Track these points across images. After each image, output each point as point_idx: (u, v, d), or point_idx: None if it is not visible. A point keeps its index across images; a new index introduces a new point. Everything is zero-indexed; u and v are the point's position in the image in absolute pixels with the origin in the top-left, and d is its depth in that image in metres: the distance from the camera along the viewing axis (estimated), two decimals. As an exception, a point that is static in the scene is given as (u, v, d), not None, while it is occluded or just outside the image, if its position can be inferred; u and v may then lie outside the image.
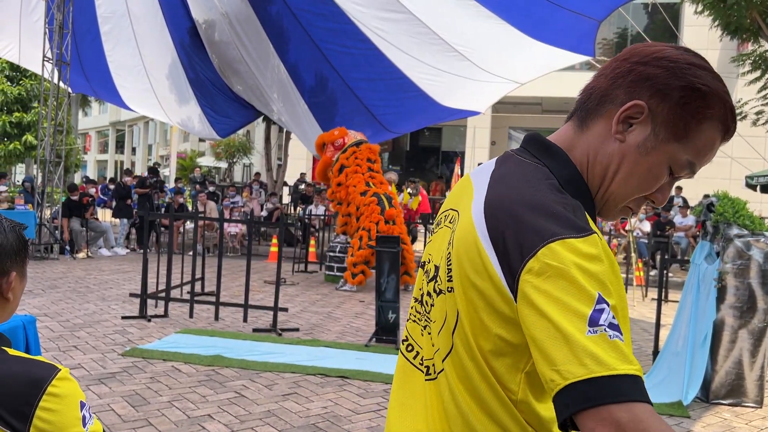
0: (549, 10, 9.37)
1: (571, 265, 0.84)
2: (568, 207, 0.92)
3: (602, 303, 0.83)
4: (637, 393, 0.79)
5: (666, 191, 1.01)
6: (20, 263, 1.37)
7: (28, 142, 22.25)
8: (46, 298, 7.50)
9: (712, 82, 0.95)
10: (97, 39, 12.63)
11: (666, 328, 5.93)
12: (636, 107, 0.96)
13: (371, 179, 9.70)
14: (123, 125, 42.51)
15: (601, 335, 0.81)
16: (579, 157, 1.02)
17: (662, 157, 0.97)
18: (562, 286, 0.84)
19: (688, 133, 0.96)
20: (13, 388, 1.23)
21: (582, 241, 0.87)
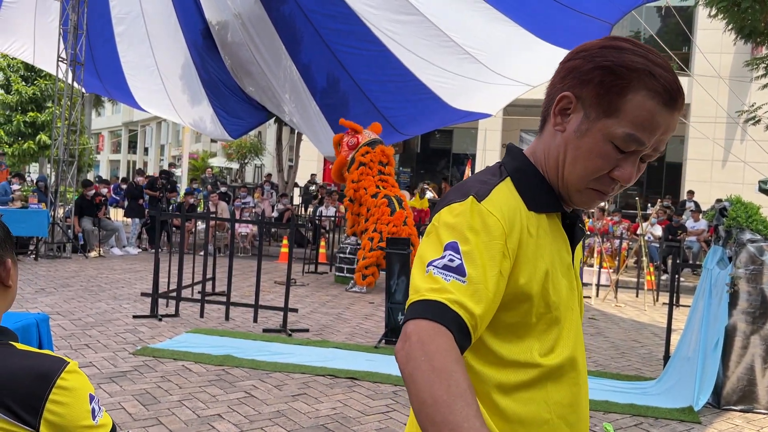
0: (561, 12, 9.34)
1: (442, 223, 1.02)
2: (478, 181, 1.07)
3: (448, 250, 0.98)
4: (429, 313, 0.93)
5: (625, 168, 1.05)
6: (10, 250, 1.39)
7: (42, 142, 22.46)
8: (59, 296, 7.56)
9: (619, 57, 1.02)
10: (111, 39, 12.73)
11: (677, 333, 5.90)
12: (565, 98, 1.07)
13: (381, 182, 9.71)
14: (136, 125, 42.76)
15: (429, 273, 0.97)
16: (539, 157, 1.13)
17: (598, 135, 1.03)
18: (428, 241, 1.03)
19: (616, 107, 1.02)
20: (23, 382, 1.25)
21: (460, 203, 1.02)
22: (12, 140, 22.72)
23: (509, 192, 1.07)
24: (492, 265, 0.98)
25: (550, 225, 1.12)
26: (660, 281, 11.24)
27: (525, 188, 1.10)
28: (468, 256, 0.97)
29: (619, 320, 8.48)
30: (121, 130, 45.63)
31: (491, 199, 1.03)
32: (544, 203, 1.11)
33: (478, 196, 1.02)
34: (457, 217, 1.01)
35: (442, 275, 0.96)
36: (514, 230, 1.03)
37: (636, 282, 11.20)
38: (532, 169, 1.13)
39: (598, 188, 1.08)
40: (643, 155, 1.06)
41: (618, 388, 5.03)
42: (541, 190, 1.11)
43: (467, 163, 18.02)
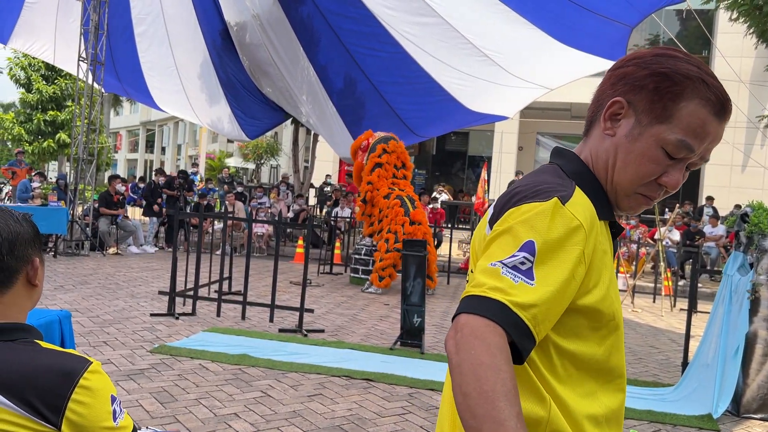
0: (581, 15, 9.29)
1: (519, 221, 0.99)
2: (555, 183, 1.05)
3: (523, 250, 0.96)
4: (488, 312, 0.92)
5: (673, 174, 1.07)
6: (38, 249, 1.41)
7: (61, 140, 22.73)
8: (77, 293, 7.64)
9: (675, 65, 1.04)
10: (131, 40, 12.84)
11: (695, 340, 5.84)
12: (616, 104, 1.09)
13: (394, 185, 9.73)
14: (153, 125, 43.12)
15: (496, 269, 0.96)
16: (586, 158, 1.14)
17: (650, 140, 1.05)
18: (502, 239, 1.00)
19: (670, 114, 1.04)
20: (46, 380, 1.26)
21: (540, 202, 1.00)
22: (32, 138, 23.02)
23: (585, 198, 1.07)
24: (565, 269, 0.97)
25: (605, 232, 1.12)
26: (677, 287, 11.13)
27: (590, 194, 1.09)
28: (542, 258, 0.96)
29: (636, 325, 8.41)
30: (139, 129, 46.06)
31: (574, 202, 1.03)
32: (607, 211, 1.12)
33: (562, 198, 1.02)
34: (539, 216, 0.99)
35: (511, 275, 0.95)
36: (592, 236, 1.03)
37: (653, 287, 11.10)
38: (590, 174, 1.13)
39: (646, 193, 1.10)
40: (689, 163, 1.08)
41: (636, 393, 4.98)
42: (602, 197, 1.12)
43: (483, 165, 17.96)
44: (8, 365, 1.27)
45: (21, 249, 1.34)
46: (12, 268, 1.33)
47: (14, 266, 1.33)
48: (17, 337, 1.32)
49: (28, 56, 21.08)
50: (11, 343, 1.30)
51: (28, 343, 1.32)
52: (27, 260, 1.36)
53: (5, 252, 1.32)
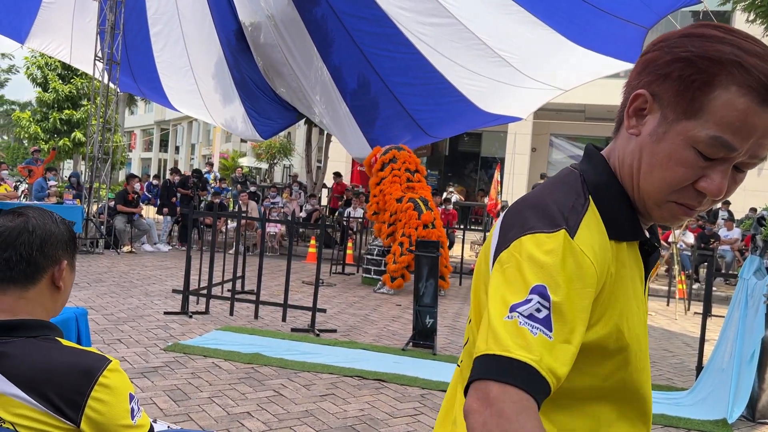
0: (596, 16, 9.25)
1: (525, 257, 0.87)
2: (566, 206, 0.92)
3: (534, 294, 0.84)
4: (519, 379, 0.80)
5: (713, 178, 0.90)
6: (70, 254, 1.43)
7: (76, 139, 22.93)
8: (92, 291, 7.70)
9: (702, 47, 0.87)
10: (147, 39, 12.93)
11: (710, 343, 5.79)
12: (639, 97, 0.94)
13: (408, 190, 9.77)
14: (167, 124, 43.39)
15: (513, 321, 0.83)
16: (614, 162, 1.00)
17: (677, 140, 0.90)
18: (509, 275, 0.87)
19: (700, 107, 0.87)
20: (67, 378, 1.27)
21: (548, 235, 0.88)
22: (48, 137, 23.25)
23: (596, 221, 0.94)
24: (582, 318, 0.86)
25: (628, 253, 0.99)
26: (692, 290, 11.05)
27: (608, 211, 0.96)
28: (558, 307, 0.84)
29: (649, 329, 8.31)
30: (153, 128, 46.37)
31: (583, 233, 0.90)
32: (628, 231, 0.98)
33: (570, 229, 0.88)
34: (548, 256, 0.86)
35: (529, 327, 0.83)
36: (603, 272, 0.91)
37: (667, 290, 11.02)
38: (616, 186, 0.98)
39: (682, 201, 0.93)
40: (738, 163, 0.90)
41: (649, 397, 4.95)
42: (625, 214, 0.98)
43: (496, 166, 17.92)
44: (30, 362, 1.29)
45: (51, 248, 1.37)
46: (39, 265, 1.35)
47: (42, 264, 1.36)
48: (39, 333, 1.34)
49: (44, 55, 21.28)
50: (33, 339, 1.32)
51: (50, 340, 1.34)
52: (55, 261, 1.38)
53: (35, 248, 1.35)
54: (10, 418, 1.27)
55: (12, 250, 1.33)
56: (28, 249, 1.34)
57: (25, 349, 1.30)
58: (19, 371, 1.27)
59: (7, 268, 1.33)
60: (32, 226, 1.35)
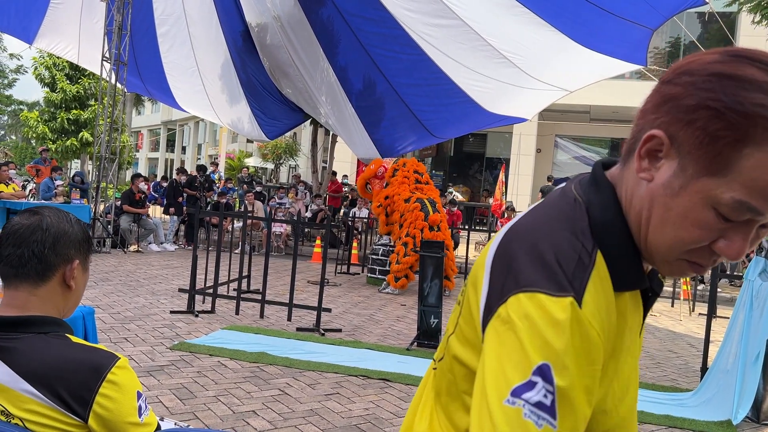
0: (601, 18, 9.25)
1: (526, 323, 0.76)
2: (570, 259, 0.80)
3: (538, 376, 0.74)
4: None
5: (733, 241, 0.77)
6: (83, 254, 1.45)
7: (84, 139, 23.04)
8: (99, 290, 7.75)
9: (737, 95, 0.72)
10: (154, 40, 12.99)
11: (715, 345, 5.79)
12: (654, 139, 0.79)
13: (417, 190, 9.82)
14: (174, 124, 43.53)
15: (516, 410, 0.74)
16: (621, 196, 0.87)
17: (695, 198, 0.76)
18: (510, 344, 0.77)
19: (726, 165, 0.73)
20: (76, 374, 1.29)
21: (553, 301, 0.76)
22: (56, 137, 23.37)
23: (603, 275, 0.82)
24: (589, 401, 0.77)
25: (631, 302, 0.88)
26: (696, 291, 11.03)
27: (615, 260, 0.84)
28: (564, 393, 0.74)
29: (654, 330, 8.35)
30: (160, 128, 46.52)
31: (590, 298, 0.78)
32: (633, 280, 0.86)
33: (577, 295, 0.77)
34: (554, 331, 0.75)
35: (534, 419, 0.73)
36: (609, 339, 0.81)
37: (671, 291, 11.01)
38: (624, 229, 0.85)
39: (694, 260, 0.81)
40: (764, 223, 0.78)
41: (654, 398, 4.96)
42: (631, 262, 0.85)
43: (501, 167, 17.91)
44: (40, 357, 1.31)
45: (63, 247, 1.39)
46: (51, 263, 1.38)
47: (53, 262, 1.38)
48: (49, 330, 1.36)
49: (52, 56, 21.41)
50: (43, 335, 1.34)
51: (60, 336, 1.36)
52: (67, 260, 1.40)
53: (48, 246, 1.37)
54: (19, 413, 1.29)
55: (25, 247, 1.36)
56: (40, 246, 1.36)
57: (34, 345, 1.32)
58: (28, 367, 1.29)
59: (20, 265, 1.36)
60: (46, 224, 1.38)
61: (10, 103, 47.48)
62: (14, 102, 47.67)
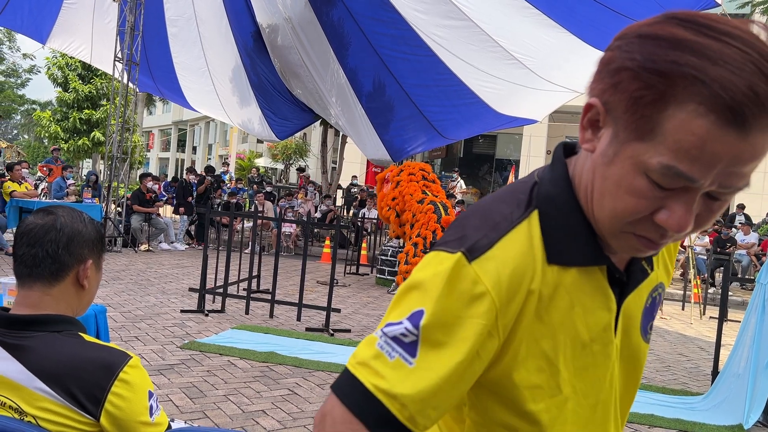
0: (612, 19, 9.21)
1: (417, 274, 0.80)
2: (491, 221, 0.81)
3: (407, 318, 0.77)
4: (350, 398, 0.78)
5: (673, 210, 0.72)
6: (97, 254, 1.46)
7: (96, 139, 23.18)
8: (110, 289, 7.80)
9: (655, 53, 0.68)
10: (165, 41, 13.06)
11: (726, 348, 5.76)
12: (591, 108, 0.76)
13: (426, 188, 9.81)
14: (185, 125, 43.73)
15: (373, 338, 0.79)
16: (572, 175, 0.85)
17: (627, 165, 0.73)
18: (401, 291, 0.82)
19: (651, 127, 0.70)
20: (89, 372, 1.31)
21: (445, 255, 0.78)
22: (68, 136, 23.53)
23: (527, 240, 0.80)
24: (461, 350, 0.76)
25: (582, 280, 0.83)
26: (707, 294, 10.96)
27: (552, 231, 0.82)
28: (429, 331, 0.76)
29: (664, 333, 8.31)
30: (171, 128, 46.74)
31: (490, 256, 0.78)
32: (576, 255, 0.82)
33: (470, 252, 0.77)
34: (434, 278, 0.77)
35: (387, 350, 0.77)
36: (515, 301, 0.79)
37: (682, 294, 10.94)
38: (569, 202, 0.83)
39: (641, 233, 0.76)
40: (710, 192, 0.72)
41: (664, 402, 4.94)
42: (574, 236, 0.82)
43: (511, 169, 17.88)
44: (53, 355, 1.32)
45: (77, 247, 1.40)
46: (64, 263, 1.39)
47: (67, 261, 1.39)
48: (63, 328, 1.37)
49: (65, 56, 21.57)
50: (56, 334, 1.35)
51: (73, 335, 1.37)
52: (80, 259, 1.41)
53: (62, 245, 1.38)
54: (33, 411, 1.30)
55: (39, 246, 1.37)
56: (54, 246, 1.37)
57: (48, 343, 1.33)
58: (42, 365, 1.30)
59: (34, 264, 1.37)
60: (60, 224, 1.39)
61: (23, 103, 47.87)
62: (27, 101, 48.07)
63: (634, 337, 0.92)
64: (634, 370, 0.94)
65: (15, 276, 1.42)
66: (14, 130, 58.50)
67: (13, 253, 1.41)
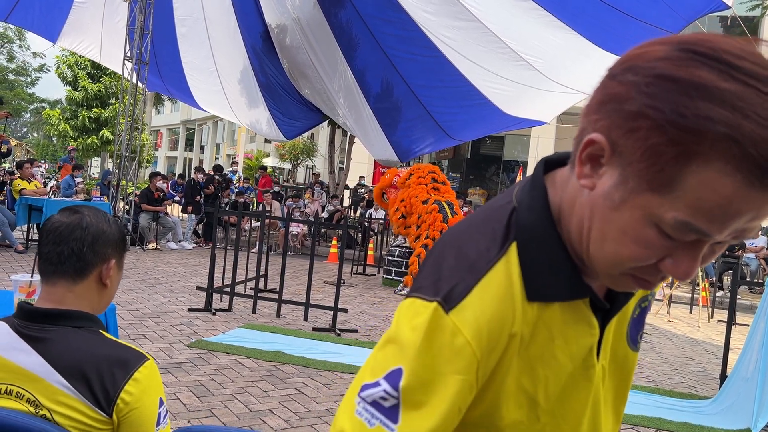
0: (621, 21, 9.20)
1: (394, 327, 0.76)
2: (463, 262, 0.76)
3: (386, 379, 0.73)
4: None
5: (680, 260, 0.68)
6: (119, 254, 1.49)
7: (104, 137, 23.30)
8: (118, 287, 7.83)
9: (678, 104, 0.61)
10: (174, 41, 13.12)
11: (734, 352, 5.73)
12: (594, 144, 0.70)
13: (434, 191, 9.81)
14: (193, 124, 43.88)
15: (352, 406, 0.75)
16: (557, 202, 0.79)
17: (636, 214, 0.67)
18: (378, 345, 0.77)
19: (668, 182, 0.64)
20: (106, 369, 1.32)
21: (422, 305, 0.74)
22: (77, 135, 23.66)
23: (504, 281, 0.76)
24: (442, 407, 0.72)
25: (564, 314, 0.79)
26: (715, 298, 10.91)
27: (532, 266, 0.77)
28: (410, 395, 0.72)
29: (672, 336, 8.28)
30: (179, 128, 46.92)
31: (469, 305, 0.73)
32: (558, 290, 0.78)
33: (446, 301, 0.73)
34: (411, 333, 0.73)
35: (367, 417, 0.73)
36: (496, 349, 0.75)
37: (690, 297, 10.90)
38: (548, 234, 0.78)
39: (640, 276, 0.73)
40: (714, 243, 0.69)
41: (671, 405, 4.92)
42: (555, 270, 0.78)
43: (519, 170, 17.86)
44: (73, 350, 1.33)
45: (102, 246, 1.43)
46: (89, 261, 1.42)
47: (91, 260, 1.42)
48: (83, 325, 1.39)
49: (75, 55, 21.68)
50: (77, 329, 1.37)
51: (93, 332, 1.39)
52: (104, 259, 1.44)
53: (87, 244, 1.41)
54: (49, 404, 1.31)
55: (65, 244, 1.40)
56: (79, 245, 1.40)
57: (68, 338, 1.35)
58: (61, 359, 1.32)
59: (59, 262, 1.40)
60: (86, 223, 1.42)
61: (33, 101, 48.17)
62: (37, 100, 48.37)
63: (620, 350, 0.89)
64: (623, 379, 0.91)
65: (39, 272, 1.44)
66: (24, 128, 58.87)
67: (39, 250, 1.43)
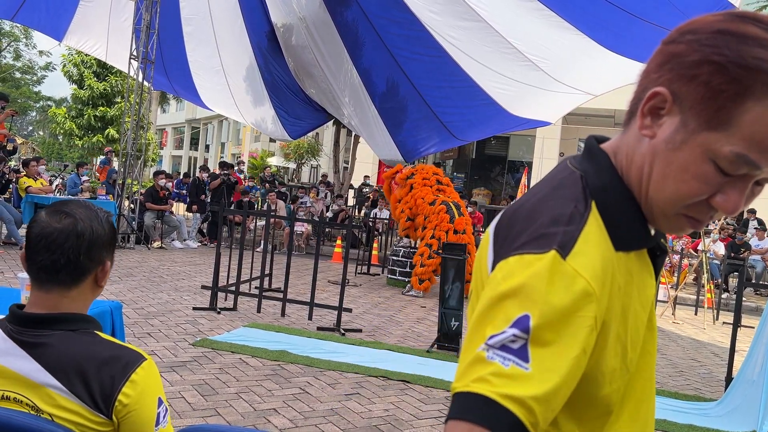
0: (629, 22, 9.16)
1: (508, 283, 0.78)
2: (561, 218, 0.82)
3: (513, 327, 0.75)
4: (472, 413, 0.73)
5: (731, 195, 0.80)
6: (112, 252, 1.45)
7: (110, 136, 23.35)
8: (123, 285, 7.85)
9: (740, 50, 0.75)
10: (180, 39, 13.13)
11: (740, 354, 5.71)
12: (657, 96, 0.81)
13: (440, 192, 9.81)
14: (198, 123, 43.90)
15: (481, 354, 0.75)
16: (621, 160, 0.89)
17: (696, 152, 0.79)
18: (491, 303, 0.79)
19: (727, 119, 0.76)
20: (103, 371, 1.30)
21: (537, 257, 0.78)
22: (82, 133, 23.72)
23: (599, 232, 0.83)
24: (572, 346, 0.76)
25: (638, 262, 0.89)
26: (720, 300, 10.87)
27: (614, 220, 0.86)
28: (539, 334, 0.75)
29: (677, 337, 8.26)
30: (184, 126, 46.94)
31: (580, 251, 0.79)
32: (636, 240, 0.88)
33: (562, 249, 0.78)
34: (534, 280, 0.76)
35: (500, 359, 0.74)
36: (605, 291, 0.80)
37: (695, 299, 10.87)
38: (622, 191, 0.87)
39: (692, 215, 0.84)
40: (759, 179, 0.81)
41: (677, 407, 4.91)
42: (633, 222, 0.87)
43: (524, 171, 17.82)
44: (70, 354, 1.32)
45: (97, 251, 1.39)
46: (85, 268, 1.38)
47: (87, 266, 1.38)
48: (79, 327, 1.36)
49: (80, 53, 21.73)
50: (72, 332, 1.35)
51: (89, 333, 1.37)
52: (99, 262, 1.41)
53: (83, 252, 1.36)
54: (48, 408, 1.30)
55: (60, 253, 1.34)
56: (75, 253, 1.35)
57: (64, 341, 1.33)
58: (57, 363, 1.31)
59: (54, 271, 1.34)
60: (81, 229, 1.36)
61: (39, 100, 48.28)
62: (43, 98, 48.47)
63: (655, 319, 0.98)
64: (654, 338, 0.97)
65: (31, 278, 1.38)
66: (30, 127, 59.03)
67: (29, 256, 1.36)
